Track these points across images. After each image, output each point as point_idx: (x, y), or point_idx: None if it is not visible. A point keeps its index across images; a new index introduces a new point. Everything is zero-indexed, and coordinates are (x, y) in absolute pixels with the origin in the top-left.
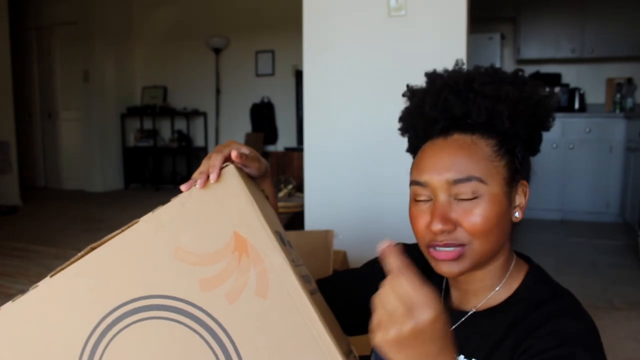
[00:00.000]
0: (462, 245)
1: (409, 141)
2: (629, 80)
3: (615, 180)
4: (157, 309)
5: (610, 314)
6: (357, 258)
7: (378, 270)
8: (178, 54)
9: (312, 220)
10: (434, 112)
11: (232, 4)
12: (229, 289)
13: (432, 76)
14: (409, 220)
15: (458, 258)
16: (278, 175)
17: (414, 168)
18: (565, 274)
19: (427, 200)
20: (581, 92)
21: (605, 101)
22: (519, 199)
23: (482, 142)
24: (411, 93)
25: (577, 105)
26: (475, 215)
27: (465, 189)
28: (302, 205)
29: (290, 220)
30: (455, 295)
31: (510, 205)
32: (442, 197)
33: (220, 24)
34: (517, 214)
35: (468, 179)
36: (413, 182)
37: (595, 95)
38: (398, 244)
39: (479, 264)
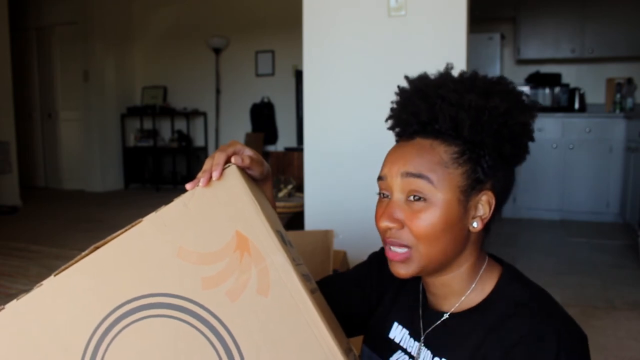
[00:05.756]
0: (407, 246)
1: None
2: (629, 80)
3: (615, 180)
4: (160, 307)
5: (610, 314)
6: (357, 258)
7: (372, 271)
8: (178, 54)
9: (312, 220)
10: (405, 116)
11: (232, 4)
12: (230, 287)
13: (409, 80)
14: None
15: (405, 260)
16: (278, 175)
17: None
18: (565, 274)
19: (387, 197)
20: (581, 92)
21: (605, 101)
22: (483, 209)
23: (441, 147)
24: (398, 95)
25: (577, 105)
26: (421, 219)
27: (415, 186)
28: (302, 205)
29: (290, 220)
30: (429, 297)
31: (465, 213)
32: (397, 195)
33: (220, 24)
34: (475, 224)
35: (418, 176)
36: (378, 178)
37: (595, 95)
38: (383, 248)
39: (427, 269)
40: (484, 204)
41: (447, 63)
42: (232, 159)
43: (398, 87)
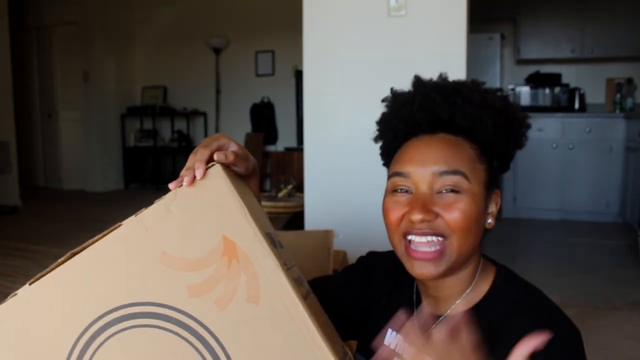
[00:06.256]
0: (442, 235)
1: (385, 144)
2: (629, 80)
3: (615, 180)
4: (144, 317)
5: (610, 314)
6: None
7: (362, 276)
8: (178, 54)
9: (312, 220)
10: (420, 113)
11: (232, 4)
12: (219, 295)
13: (420, 79)
14: (382, 213)
15: (439, 257)
16: (278, 175)
17: (395, 162)
18: (565, 274)
19: (405, 192)
20: (581, 92)
21: (605, 101)
22: (492, 207)
23: (466, 144)
24: (394, 97)
25: (577, 105)
26: (457, 209)
27: (450, 182)
28: (302, 205)
29: (290, 220)
30: (427, 301)
31: (486, 209)
32: (424, 188)
33: (220, 24)
34: (490, 220)
35: (455, 172)
36: (394, 174)
37: (595, 95)
38: (370, 252)
39: (454, 266)
40: (493, 202)
41: (441, 73)
42: (215, 156)
43: (415, 77)
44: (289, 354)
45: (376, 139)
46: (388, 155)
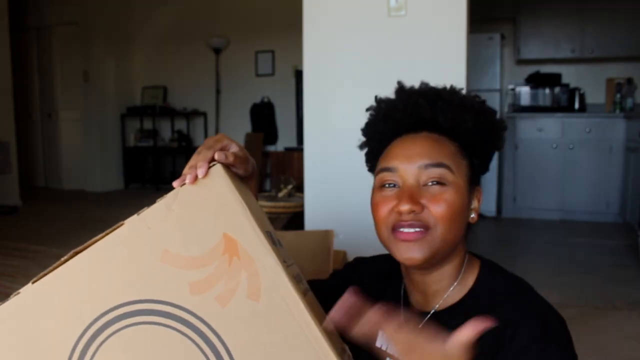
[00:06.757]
0: (427, 227)
1: (370, 150)
2: (629, 80)
3: (615, 180)
4: (146, 314)
5: (610, 314)
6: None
7: (351, 282)
8: (178, 54)
9: (312, 220)
10: (403, 115)
11: (232, 4)
12: (220, 292)
13: (403, 86)
14: (370, 209)
15: (422, 239)
16: (278, 175)
17: (382, 159)
18: (565, 274)
19: (393, 186)
20: (581, 92)
21: (605, 101)
22: (474, 203)
23: (447, 141)
24: (378, 103)
25: (577, 105)
26: (443, 201)
27: (435, 174)
28: (302, 205)
29: (290, 220)
30: (415, 299)
31: (469, 203)
32: (411, 181)
33: (220, 24)
34: (472, 215)
35: (439, 165)
36: (381, 170)
37: (595, 95)
38: (357, 258)
39: (438, 254)
40: (475, 198)
41: (421, 81)
42: (216, 156)
43: (398, 83)
44: (290, 350)
45: (361, 146)
46: (374, 159)
